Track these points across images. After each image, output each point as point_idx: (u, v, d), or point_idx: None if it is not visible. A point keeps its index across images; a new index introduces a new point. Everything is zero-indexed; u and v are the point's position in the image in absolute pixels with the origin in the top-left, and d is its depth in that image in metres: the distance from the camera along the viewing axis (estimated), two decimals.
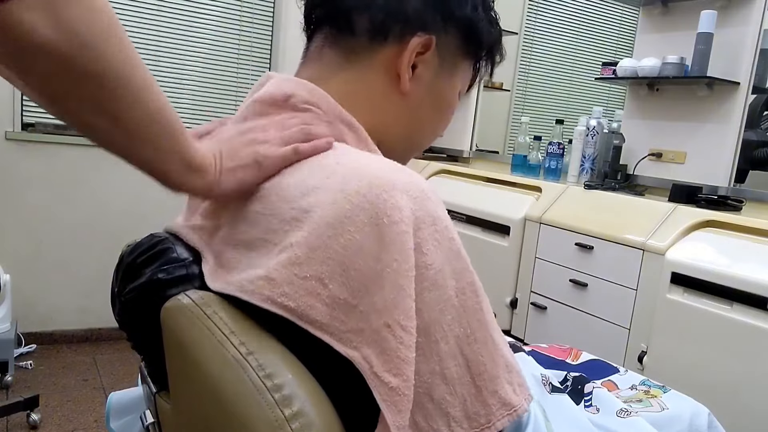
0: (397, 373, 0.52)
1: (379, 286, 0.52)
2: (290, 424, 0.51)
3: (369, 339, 0.52)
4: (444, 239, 0.56)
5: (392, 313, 0.52)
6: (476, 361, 0.56)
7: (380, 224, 0.53)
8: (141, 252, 0.65)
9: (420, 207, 0.55)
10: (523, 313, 2.28)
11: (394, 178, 0.55)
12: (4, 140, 2.58)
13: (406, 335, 0.52)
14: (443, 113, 0.72)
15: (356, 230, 0.53)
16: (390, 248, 0.52)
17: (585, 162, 2.41)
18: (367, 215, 0.53)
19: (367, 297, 0.52)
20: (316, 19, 0.69)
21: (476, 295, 0.57)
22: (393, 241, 0.53)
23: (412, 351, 0.53)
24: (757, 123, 2.15)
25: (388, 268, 0.52)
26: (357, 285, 0.53)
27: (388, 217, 0.53)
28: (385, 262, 0.52)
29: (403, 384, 0.52)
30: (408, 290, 0.53)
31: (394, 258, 0.52)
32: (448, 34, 0.67)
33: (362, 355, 0.52)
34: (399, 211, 0.53)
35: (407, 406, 0.52)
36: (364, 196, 0.54)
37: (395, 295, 0.52)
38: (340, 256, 0.53)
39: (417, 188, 0.56)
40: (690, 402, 0.91)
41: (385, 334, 0.52)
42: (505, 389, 0.58)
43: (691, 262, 1.69)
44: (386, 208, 0.53)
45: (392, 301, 0.52)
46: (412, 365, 0.53)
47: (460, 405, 0.56)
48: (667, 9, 2.33)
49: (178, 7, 2.87)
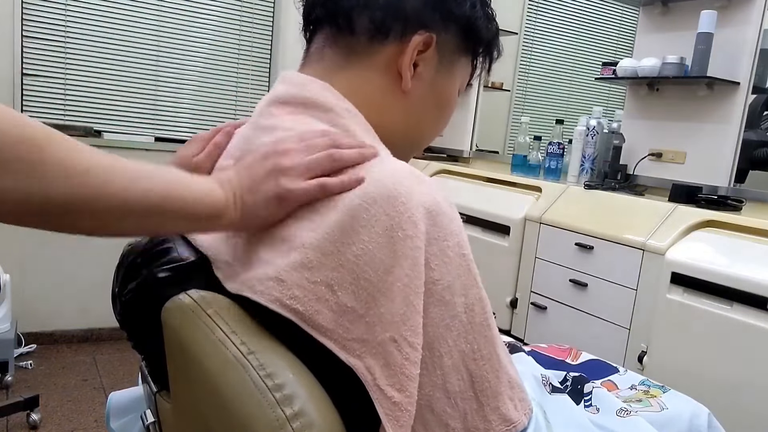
0: (401, 388, 0.52)
1: (389, 299, 0.52)
2: (291, 423, 0.51)
3: (373, 350, 0.52)
4: (455, 255, 0.56)
5: (400, 328, 0.52)
6: (480, 377, 0.57)
7: (395, 237, 0.52)
8: (142, 251, 0.65)
9: (433, 222, 0.55)
10: (523, 313, 2.27)
11: (413, 189, 0.55)
12: None
13: (412, 352, 0.52)
14: (444, 111, 0.73)
15: (370, 240, 0.53)
16: (402, 262, 0.52)
17: (585, 162, 2.41)
18: (382, 226, 0.53)
19: (374, 308, 0.52)
20: (315, 19, 0.69)
21: (484, 312, 0.57)
22: (406, 255, 0.52)
23: (417, 368, 0.53)
24: (757, 123, 2.15)
25: (399, 282, 0.52)
26: (366, 295, 0.53)
27: (403, 231, 0.53)
28: (397, 275, 0.52)
29: (406, 400, 0.52)
30: (417, 306, 0.53)
31: (406, 273, 0.52)
32: (447, 32, 0.67)
33: (365, 365, 0.52)
34: (414, 226, 0.53)
35: (409, 421, 0.52)
36: (382, 206, 0.53)
37: (405, 309, 0.52)
38: (352, 264, 0.53)
39: (433, 201, 0.55)
40: (690, 402, 0.91)
41: (391, 349, 0.52)
42: (507, 406, 0.58)
43: (691, 262, 1.69)
44: (402, 221, 0.53)
45: (401, 315, 0.52)
46: (416, 382, 0.53)
47: (460, 418, 0.56)
48: (667, 9, 2.33)
49: (178, 7, 2.87)
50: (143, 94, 2.88)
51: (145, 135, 2.89)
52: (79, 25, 2.70)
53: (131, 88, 2.85)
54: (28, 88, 2.65)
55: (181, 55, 2.93)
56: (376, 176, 0.56)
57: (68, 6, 2.66)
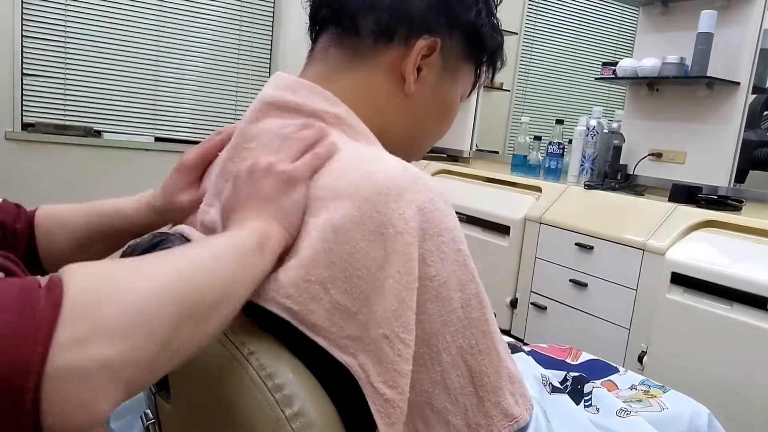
0: (393, 385, 0.52)
1: (380, 296, 0.52)
2: (291, 423, 0.51)
3: (366, 348, 0.53)
4: (450, 251, 0.56)
5: (392, 324, 0.52)
6: (480, 371, 0.57)
7: (386, 234, 0.53)
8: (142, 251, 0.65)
9: (427, 218, 0.55)
10: (523, 313, 2.28)
11: (404, 185, 0.55)
12: (4, 140, 2.58)
13: (404, 348, 0.52)
14: (445, 116, 0.73)
15: (362, 238, 0.53)
16: (393, 258, 0.52)
17: (585, 162, 2.41)
18: (373, 224, 0.53)
19: (367, 306, 0.53)
20: (322, 19, 0.69)
21: (481, 307, 0.57)
22: (397, 251, 0.53)
23: (409, 364, 0.53)
24: (757, 123, 2.15)
25: (391, 278, 0.52)
26: (358, 293, 0.53)
27: (393, 228, 0.53)
28: (389, 272, 0.52)
29: (398, 396, 0.52)
30: (410, 303, 0.53)
31: (398, 269, 0.52)
32: (452, 38, 0.67)
33: (359, 362, 0.53)
34: (405, 222, 0.53)
35: (400, 418, 0.53)
36: (373, 204, 0.53)
37: (397, 306, 0.52)
38: (344, 262, 0.53)
39: (426, 197, 0.55)
40: (690, 402, 0.91)
41: (383, 345, 0.52)
42: (508, 400, 0.58)
43: (691, 262, 1.69)
44: (392, 218, 0.53)
45: (393, 312, 0.52)
46: (408, 378, 0.53)
47: (461, 414, 0.56)
48: (667, 9, 2.33)
49: (178, 7, 2.87)
50: (143, 94, 2.88)
51: (145, 135, 2.89)
52: (79, 25, 2.70)
53: (131, 88, 2.85)
54: (28, 88, 2.65)
55: (181, 55, 2.93)
56: (368, 174, 0.56)
57: (68, 6, 2.66)
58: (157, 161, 2.83)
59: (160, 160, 2.83)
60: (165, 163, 2.89)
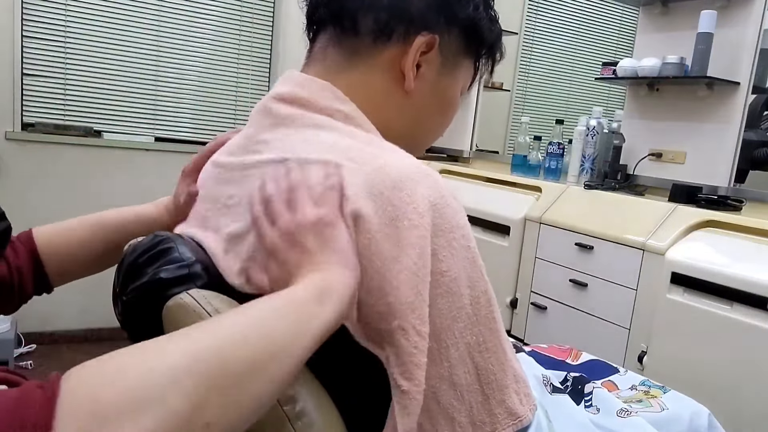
0: (410, 377, 0.52)
1: (395, 288, 0.52)
2: (293, 423, 0.51)
3: (385, 340, 0.53)
4: (461, 247, 0.56)
5: (408, 316, 0.52)
6: (486, 369, 0.57)
7: (401, 227, 0.53)
8: (143, 251, 0.65)
9: (439, 214, 0.55)
10: (523, 313, 2.28)
11: (417, 181, 0.55)
12: (4, 140, 2.58)
13: (420, 340, 0.53)
14: (446, 112, 0.73)
15: (377, 231, 0.53)
16: (409, 251, 0.53)
17: (585, 162, 2.41)
18: (388, 217, 0.53)
19: (383, 298, 0.53)
20: (319, 19, 0.69)
21: (490, 305, 0.58)
22: (412, 244, 0.53)
23: (424, 356, 0.53)
24: (757, 123, 2.15)
25: (407, 270, 0.52)
26: (374, 285, 0.53)
27: (409, 221, 0.53)
28: (404, 264, 0.53)
29: (415, 388, 0.52)
30: (424, 295, 0.53)
31: (414, 261, 0.53)
32: (450, 34, 0.67)
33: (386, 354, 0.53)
34: (420, 216, 0.54)
35: (416, 410, 0.53)
36: (388, 198, 0.54)
37: (413, 299, 0.52)
38: (360, 256, 0.53)
39: (438, 194, 0.56)
40: (690, 402, 0.91)
41: (399, 337, 0.52)
42: (513, 399, 0.58)
43: (691, 262, 1.69)
44: (407, 211, 0.53)
45: (409, 304, 0.52)
46: (423, 370, 0.53)
47: (466, 411, 0.56)
48: (667, 9, 2.33)
49: (178, 8, 2.87)
50: (143, 94, 2.88)
51: (145, 135, 2.89)
52: (79, 25, 2.70)
53: (131, 88, 2.85)
54: (28, 88, 2.65)
55: (181, 55, 2.93)
56: (383, 169, 0.56)
57: (68, 6, 2.66)
58: (157, 161, 2.83)
59: (160, 160, 2.83)
60: (165, 163, 2.89)
